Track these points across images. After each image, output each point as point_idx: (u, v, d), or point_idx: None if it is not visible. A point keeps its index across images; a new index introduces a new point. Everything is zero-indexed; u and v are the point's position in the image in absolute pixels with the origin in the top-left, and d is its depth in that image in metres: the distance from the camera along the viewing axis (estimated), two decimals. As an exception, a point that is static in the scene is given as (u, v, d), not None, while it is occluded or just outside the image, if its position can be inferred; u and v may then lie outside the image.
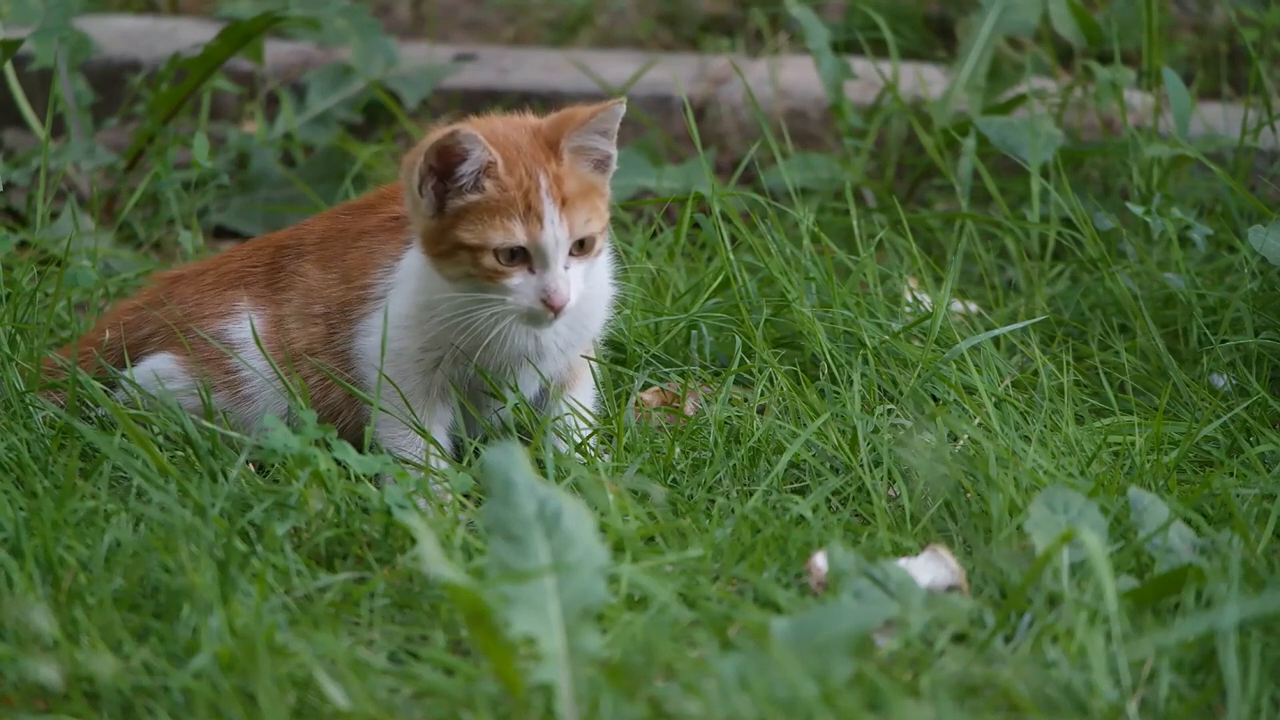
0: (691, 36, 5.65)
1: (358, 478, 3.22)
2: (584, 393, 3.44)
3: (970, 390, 3.49)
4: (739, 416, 3.45)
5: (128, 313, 3.55)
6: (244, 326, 3.41)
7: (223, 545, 2.88)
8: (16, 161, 4.81)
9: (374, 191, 3.53)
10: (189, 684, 2.65)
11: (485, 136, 3.18)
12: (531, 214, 3.18)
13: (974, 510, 3.16)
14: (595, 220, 3.22)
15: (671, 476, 3.33)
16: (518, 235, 3.18)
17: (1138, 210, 4.03)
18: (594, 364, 3.46)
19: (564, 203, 3.18)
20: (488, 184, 3.18)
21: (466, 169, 3.18)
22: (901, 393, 3.51)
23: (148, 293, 3.58)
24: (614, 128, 3.24)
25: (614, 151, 3.26)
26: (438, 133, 3.19)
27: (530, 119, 3.28)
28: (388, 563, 3.06)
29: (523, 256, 3.20)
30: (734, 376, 3.58)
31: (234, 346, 3.42)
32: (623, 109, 3.23)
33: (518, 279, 3.20)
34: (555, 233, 3.18)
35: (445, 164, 3.19)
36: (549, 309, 3.20)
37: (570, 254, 3.21)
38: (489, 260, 3.20)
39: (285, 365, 3.39)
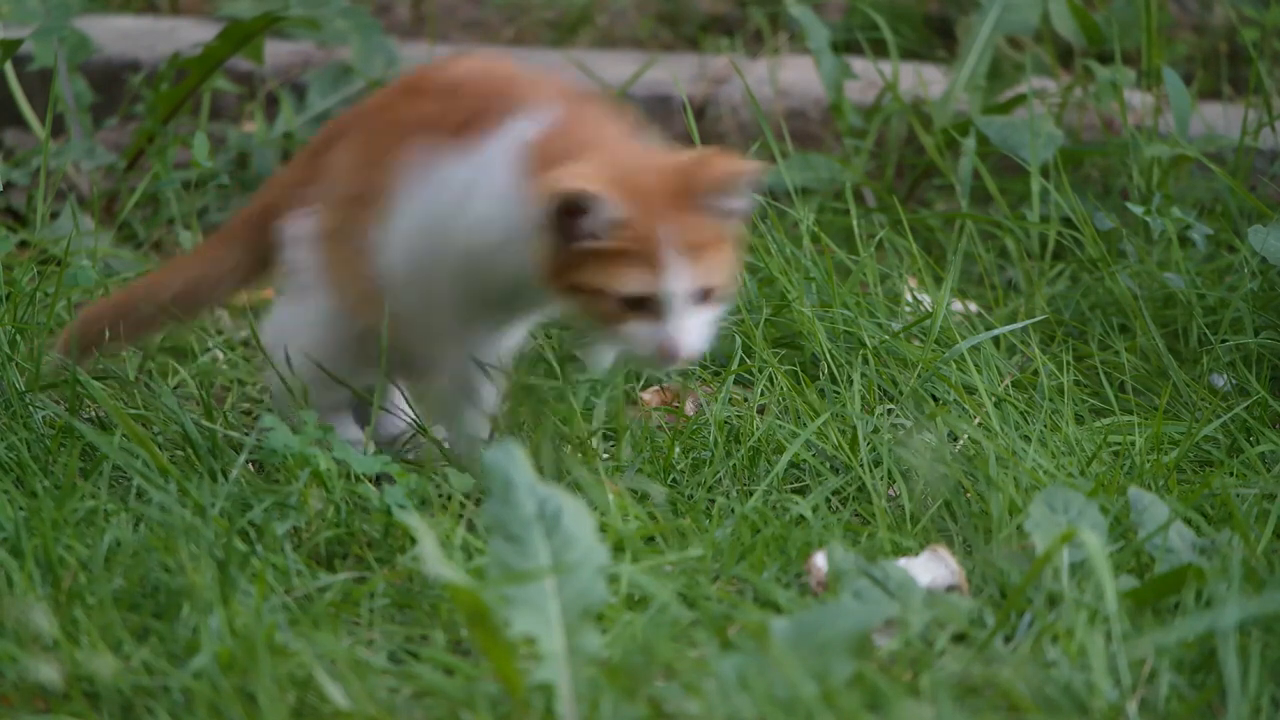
0: (691, 36, 5.65)
1: (358, 478, 3.22)
2: None
3: (970, 390, 3.49)
4: (739, 416, 3.45)
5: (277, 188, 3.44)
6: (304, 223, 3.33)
7: (223, 545, 2.88)
8: (16, 161, 4.80)
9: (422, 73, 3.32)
10: (189, 684, 2.65)
11: (611, 180, 3.01)
12: (656, 263, 3.01)
13: (974, 510, 3.16)
14: (723, 269, 3.06)
15: (671, 476, 3.33)
16: (640, 284, 3.02)
17: (1138, 210, 4.03)
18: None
19: (691, 251, 3.02)
20: (613, 234, 3.01)
21: (589, 221, 3.02)
22: (901, 393, 3.51)
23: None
24: (749, 188, 3.08)
25: (749, 202, 3.10)
26: (560, 181, 3.01)
27: (661, 153, 3.11)
28: (388, 563, 3.06)
29: (644, 304, 3.04)
30: (734, 376, 3.58)
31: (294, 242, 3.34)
32: (758, 174, 3.07)
33: (637, 325, 3.05)
34: (679, 283, 3.02)
35: (567, 213, 3.03)
36: (667, 359, 3.06)
37: (694, 303, 3.06)
38: (608, 305, 3.04)
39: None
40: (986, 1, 4.65)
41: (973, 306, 3.94)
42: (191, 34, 5.32)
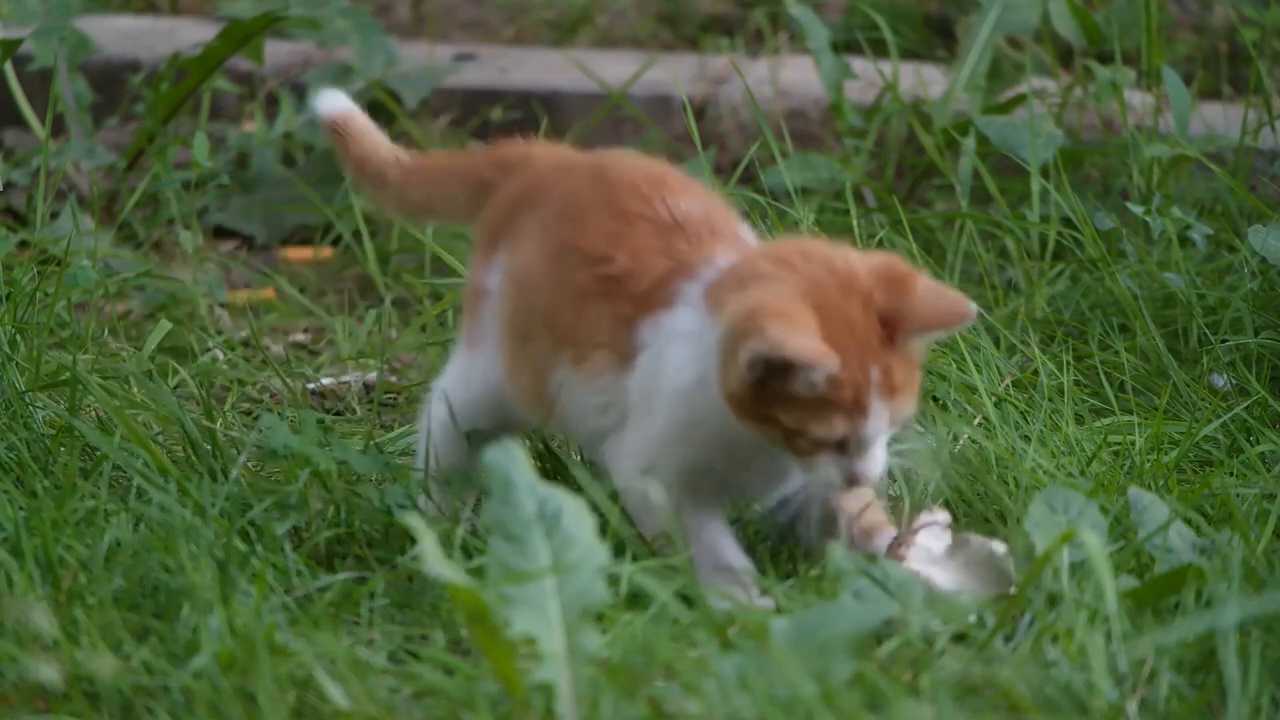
0: (691, 36, 5.65)
1: (358, 477, 3.22)
2: None
3: (970, 390, 3.49)
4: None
5: None
6: None
7: (223, 545, 2.88)
8: (16, 161, 4.81)
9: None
10: (189, 684, 2.65)
11: (817, 322, 2.83)
12: (858, 409, 2.86)
13: (976, 511, 3.16)
14: (914, 399, 2.92)
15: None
16: (840, 430, 2.87)
17: (1138, 210, 4.02)
18: None
19: (891, 392, 2.88)
20: (817, 385, 2.85)
21: (800, 377, 2.84)
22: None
23: None
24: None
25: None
26: (760, 329, 2.81)
27: (858, 273, 2.90)
28: (388, 563, 3.06)
29: (841, 442, 2.90)
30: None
31: None
32: (974, 318, 2.92)
33: (827, 459, 2.90)
34: (878, 425, 2.88)
35: (772, 366, 2.84)
36: (850, 489, 2.95)
37: (886, 435, 2.94)
38: (803, 443, 2.89)
39: None
40: (986, 1, 4.65)
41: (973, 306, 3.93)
42: (191, 34, 5.32)
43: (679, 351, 2.95)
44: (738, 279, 2.92)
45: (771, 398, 2.86)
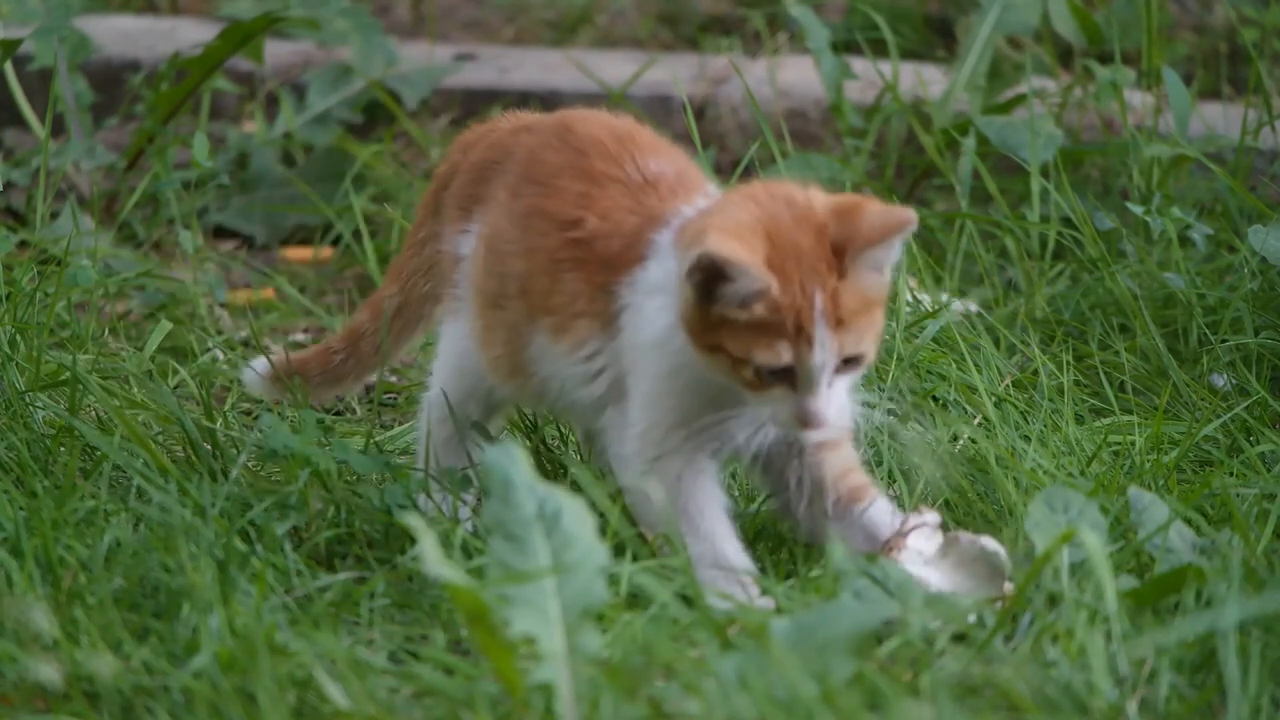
0: (691, 36, 5.65)
1: (358, 477, 3.22)
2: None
3: (970, 390, 3.49)
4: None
5: None
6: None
7: (223, 545, 2.88)
8: (16, 161, 4.81)
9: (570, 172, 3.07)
10: (189, 684, 2.65)
11: (759, 246, 2.84)
12: (802, 336, 2.86)
13: (975, 511, 3.16)
14: (869, 336, 2.90)
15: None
16: (783, 357, 2.86)
17: (1138, 210, 4.03)
18: None
19: (838, 323, 2.86)
20: (758, 306, 2.85)
21: (733, 290, 2.85)
22: (902, 392, 3.51)
23: None
24: (904, 238, 2.92)
25: (899, 256, 2.95)
26: (704, 243, 2.83)
27: (815, 207, 2.89)
28: (388, 563, 3.06)
29: (786, 374, 2.88)
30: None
31: None
32: (913, 223, 2.90)
33: (777, 394, 2.89)
34: (824, 356, 2.86)
35: (710, 276, 2.85)
36: (803, 429, 2.92)
37: (837, 372, 2.91)
38: (749, 373, 2.88)
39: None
40: (986, 1, 4.66)
41: (973, 306, 3.94)
42: (191, 34, 5.33)
43: (653, 302, 2.96)
44: (704, 214, 2.94)
45: (717, 321, 2.86)
